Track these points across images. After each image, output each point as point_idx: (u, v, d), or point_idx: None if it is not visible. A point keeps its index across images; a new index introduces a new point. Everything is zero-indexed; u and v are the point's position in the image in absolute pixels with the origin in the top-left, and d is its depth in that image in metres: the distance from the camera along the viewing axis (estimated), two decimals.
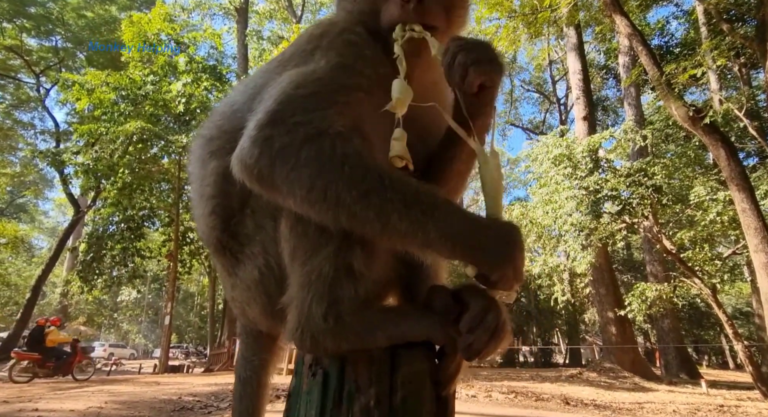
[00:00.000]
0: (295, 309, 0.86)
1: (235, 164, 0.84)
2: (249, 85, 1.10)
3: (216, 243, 1.02)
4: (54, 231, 43.35)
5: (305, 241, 0.86)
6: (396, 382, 0.80)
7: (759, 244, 8.04)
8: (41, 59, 24.02)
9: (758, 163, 16.73)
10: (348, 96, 0.90)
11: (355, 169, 0.79)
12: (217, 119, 1.13)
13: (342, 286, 0.84)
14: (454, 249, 0.78)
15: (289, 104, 0.85)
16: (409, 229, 0.77)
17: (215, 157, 1.05)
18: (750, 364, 10.32)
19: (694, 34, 16.87)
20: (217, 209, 1.01)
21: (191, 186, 1.14)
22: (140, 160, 17.09)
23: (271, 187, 0.82)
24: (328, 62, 0.92)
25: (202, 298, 40.17)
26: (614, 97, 29.05)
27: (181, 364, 20.60)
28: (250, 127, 0.85)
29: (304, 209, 0.81)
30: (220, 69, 19.44)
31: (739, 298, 29.55)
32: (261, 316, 1.01)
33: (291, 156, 0.79)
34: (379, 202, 0.77)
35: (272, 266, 0.94)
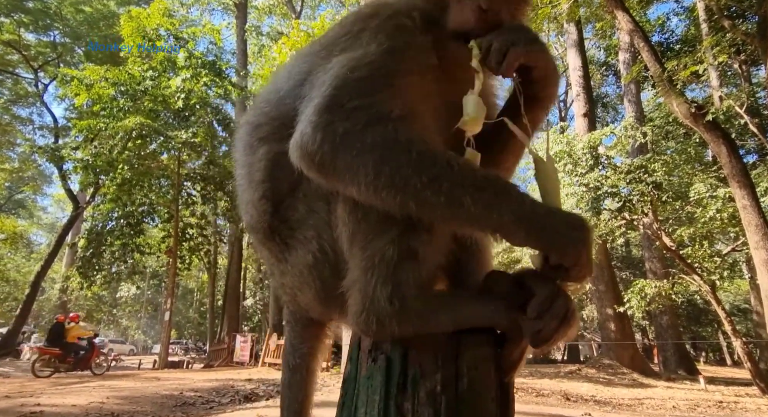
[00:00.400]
0: (358, 293, 0.85)
1: (294, 151, 0.83)
2: (293, 71, 1.09)
3: (266, 228, 1.02)
4: (53, 227, 43.26)
5: (365, 226, 0.85)
6: (461, 366, 0.80)
7: (759, 240, 8.06)
8: (39, 54, 23.89)
9: (758, 160, 16.76)
10: (401, 79, 0.88)
11: (422, 154, 0.78)
12: (263, 106, 1.13)
13: (406, 270, 0.83)
14: (529, 231, 0.77)
15: (345, 89, 0.84)
16: (483, 212, 0.77)
17: (264, 143, 1.05)
18: (748, 360, 10.37)
19: (694, 31, 16.85)
20: (268, 193, 1.01)
21: (237, 173, 1.13)
22: (139, 156, 17.06)
23: (332, 174, 0.81)
24: (379, 45, 0.91)
25: (202, 294, 40.19)
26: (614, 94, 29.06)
27: (180, 360, 20.67)
28: (309, 113, 0.84)
29: (369, 196, 0.80)
30: (219, 64, 19.37)
31: (737, 296, 29.65)
32: (314, 302, 1.00)
33: (355, 141, 0.78)
34: (450, 187, 0.76)
35: (326, 251, 0.93)
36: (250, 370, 14.39)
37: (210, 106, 18.78)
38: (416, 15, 0.98)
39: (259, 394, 8.54)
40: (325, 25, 16.70)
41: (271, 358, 14.52)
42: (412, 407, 0.76)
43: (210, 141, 18.18)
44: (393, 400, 0.78)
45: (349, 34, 0.98)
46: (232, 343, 18.32)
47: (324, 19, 17.11)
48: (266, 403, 7.52)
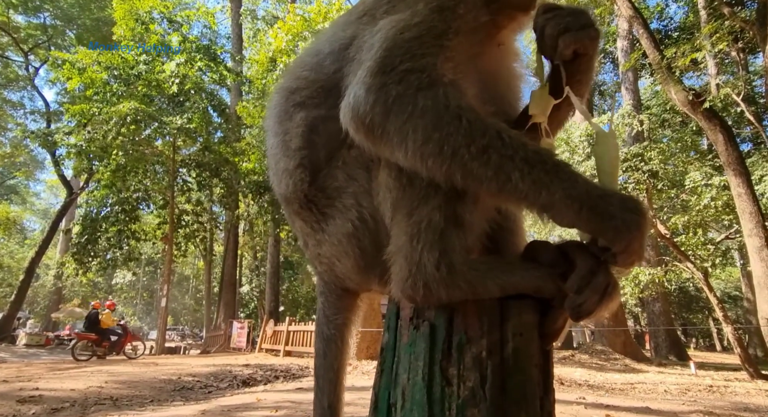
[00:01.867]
0: (404, 259, 0.84)
1: (346, 112, 0.82)
2: (335, 35, 1.06)
3: (302, 198, 1.01)
4: (46, 213, 42.98)
5: (411, 192, 0.84)
6: (506, 332, 0.80)
7: (753, 228, 8.15)
8: (29, 37, 23.47)
9: (753, 149, 16.86)
10: (451, 40, 0.87)
11: (474, 123, 0.76)
12: (299, 71, 1.10)
13: (452, 236, 0.83)
14: (580, 211, 0.73)
15: (396, 50, 0.83)
16: (532, 188, 0.74)
17: (302, 108, 1.03)
18: (738, 346, 10.55)
19: (693, 18, 16.77)
20: (305, 161, 0.99)
21: (269, 142, 1.11)
22: (134, 142, 16.89)
23: (381, 138, 0.80)
24: (427, 4, 0.89)
25: (198, 280, 40.23)
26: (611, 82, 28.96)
27: (177, 346, 20.77)
28: (361, 75, 0.83)
29: (415, 162, 0.79)
30: (214, 49, 19.11)
31: (729, 283, 30.08)
32: (353, 271, 0.99)
33: (407, 105, 0.77)
34: (499, 159, 0.74)
35: (366, 218, 0.92)
36: (247, 355, 14.48)
37: (205, 92, 18.57)
38: None
39: (257, 379, 8.61)
40: (322, 10, 16.49)
41: (268, 344, 14.61)
42: (458, 372, 0.77)
43: (205, 127, 18.01)
44: (438, 366, 0.78)
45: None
46: (229, 329, 18.41)
47: (320, 3, 16.87)
48: (264, 388, 7.58)
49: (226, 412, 5.31)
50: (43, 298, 35.91)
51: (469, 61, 0.95)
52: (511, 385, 0.77)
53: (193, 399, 6.66)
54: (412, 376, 0.80)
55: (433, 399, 0.77)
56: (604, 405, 6.01)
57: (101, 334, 13.41)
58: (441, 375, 0.77)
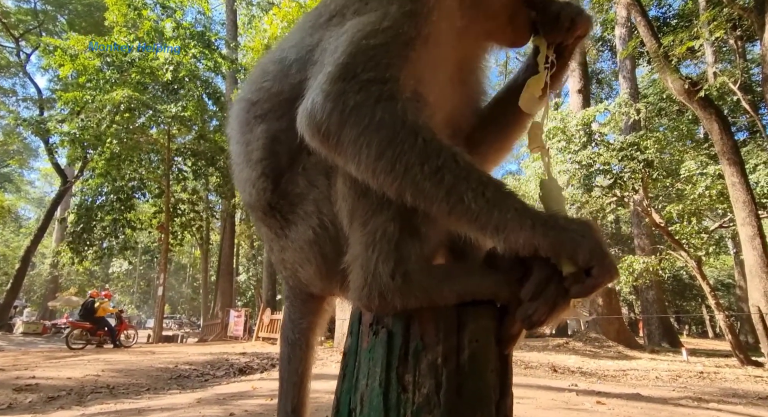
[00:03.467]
0: (360, 268, 0.83)
1: (303, 118, 0.80)
2: (302, 40, 1.02)
3: (265, 206, 0.99)
4: (41, 201, 42.78)
5: (366, 201, 0.83)
6: (463, 339, 0.80)
7: (746, 217, 8.20)
8: (20, 22, 23.07)
9: (748, 138, 16.87)
10: (418, 49, 0.84)
11: (429, 143, 0.75)
12: (261, 81, 1.06)
13: (408, 245, 0.82)
14: (534, 228, 0.72)
15: (360, 56, 0.80)
16: (485, 208, 0.73)
17: (263, 121, 1.01)
18: (730, 333, 10.68)
19: (692, 5, 16.64)
20: (267, 170, 0.98)
21: (232, 150, 1.09)
22: (128, 130, 16.76)
23: (335, 148, 0.78)
24: (400, 7, 0.85)
25: (195, 269, 40.29)
26: (609, 70, 28.83)
27: (174, 335, 20.86)
28: (321, 81, 0.80)
29: (367, 176, 0.77)
30: (208, 36, 18.86)
31: (722, 271, 30.35)
32: (315, 277, 0.99)
33: (364, 116, 0.75)
34: (453, 180, 0.73)
35: (327, 226, 0.92)
36: (244, 344, 14.58)
37: (199, 79, 18.38)
38: None
39: (254, 368, 8.68)
40: None
41: (264, 333, 14.70)
42: (414, 378, 0.77)
43: (200, 115, 17.87)
44: (394, 372, 0.78)
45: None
46: (226, 317, 18.49)
47: None
48: (261, 376, 7.65)
49: (221, 400, 5.36)
50: (40, 286, 35.92)
51: (447, 61, 0.94)
52: (466, 390, 0.77)
53: (190, 387, 6.72)
54: (370, 382, 0.80)
55: (389, 405, 0.77)
56: (596, 392, 6.10)
57: (96, 323, 13.46)
58: (397, 381, 0.78)
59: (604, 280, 0.71)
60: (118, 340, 13.91)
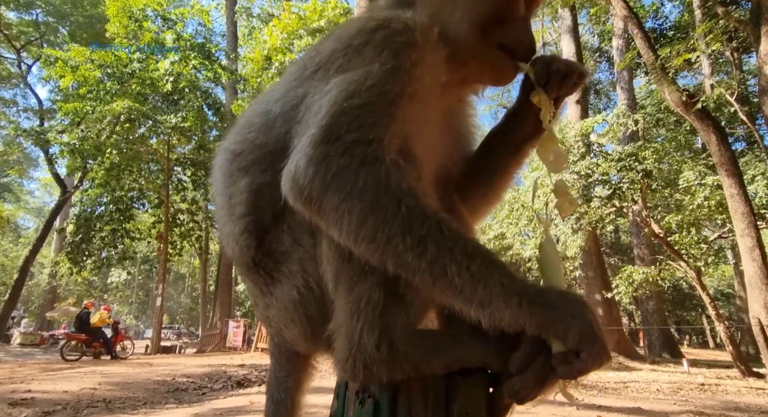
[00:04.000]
0: (344, 337, 0.81)
1: (286, 180, 0.78)
2: (287, 94, 1.00)
3: (249, 262, 0.96)
4: (40, 211, 42.73)
5: (350, 266, 0.80)
6: (452, 411, 0.76)
7: (745, 228, 8.20)
8: (21, 33, 23.24)
9: (746, 148, 16.94)
10: (403, 106, 0.83)
11: (413, 211, 0.72)
12: (246, 132, 1.04)
13: (393, 314, 0.79)
14: (520, 305, 0.69)
15: (343, 117, 0.78)
16: (469, 282, 0.70)
17: (247, 174, 0.98)
18: (730, 343, 10.63)
19: (688, 17, 16.81)
20: (250, 227, 0.95)
21: (216, 201, 1.06)
22: (128, 140, 16.82)
23: (317, 213, 0.76)
24: (382, 65, 0.84)
25: (194, 279, 40.14)
26: (607, 81, 29.02)
27: (173, 345, 20.72)
28: (305, 143, 0.78)
29: (348, 244, 0.75)
30: (208, 47, 19.01)
31: (722, 281, 30.28)
32: (299, 338, 0.95)
33: (347, 182, 0.73)
34: (436, 251, 0.70)
35: (312, 286, 0.88)
36: (242, 355, 14.48)
37: (199, 90, 18.48)
38: (432, 32, 0.92)
39: (252, 380, 8.62)
40: (317, 8, 16.44)
41: (263, 344, 14.61)
42: None
43: (200, 125, 17.94)
44: None
45: (349, 48, 0.90)
46: (225, 328, 18.38)
47: (316, 1, 16.80)
48: (258, 389, 7.59)
49: (218, 415, 5.31)
50: (38, 297, 35.76)
51: (433, 119, 0.93)
52: None
53: (187, 401, 6.66)
54: None
55: None
56: (596, 405, 6.05)
57: (92, 334, 13.28)
58: None
59: (592, 366, 0.68)
60: (114, 352, 13.73)
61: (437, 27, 0.93)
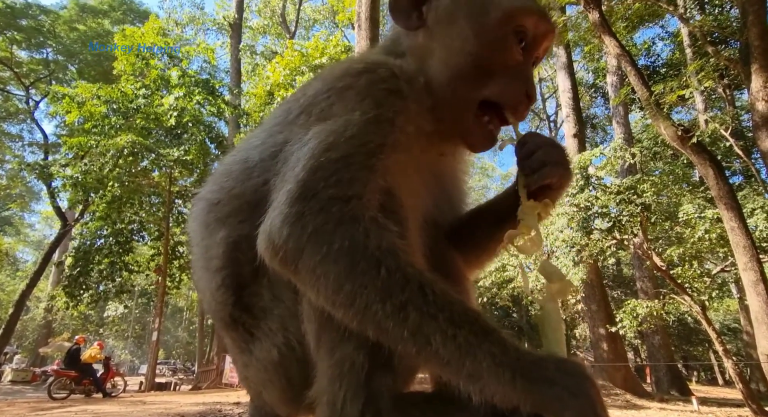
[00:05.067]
0: (326, 406, 0.75)
1: (262, 240, 0.75)
2: (267, 141, 0.96)
3: (226, 318, 0.91)
4: (40, 244, 42.57)
5: (332, 327, 0.75)
6: None
7: (748, 262, 8.13)
8: (31, 71, 23.87)
9: (744, 182, 17.04)
10: (385, 158, 0.79)
11: (393, 274, 0.67)
12: (223, 180, 0.99)
13: (379, 378, 0.74)
14: (513, 381, 0.63)
15: (321, 171, 0.74)
16: (455, 354, 0.64)
17: (224, 225, 0.93)
18: (740, 381, 10.33)
19: (679, 55, 17.30)
20: (227, 281, 0.90)
21: (193, 252, 1.01)
22: (130, 173, 16.96)
23: (294, 274, 0.72)
24: (363, 114, 0.80)
25: (191, 312, 39.53)
26: (603, 116, 29.54)
27: (168, 382, 20.19)
28: (281, 200, 0.75)
29: (327, 308, 0.71)
30: (212, 83, 19.47)
31: (727, 315, 29.79)
32: (279, 402, 0.90)
33: (322, 244, 0.69)
34: (419, 319, 0.65)
35: (293, 346, 0.83)
36: (239, 392, 14.07)
37: (203, 124, 18.80)
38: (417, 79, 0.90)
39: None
40: (319, 46, 16.94)
41: None
42: None
43: (202, 158, 18.14)
44: None
45: (332, 91, 0.87)
46: (222, 363, 17.96)
47: (318, 39, 17.35)
48: None
49: None
50: (32, 331, 35.13)
51: (415, 169, 0.90)
52: None
53: None
54: None
55: None
56: None
57: (82, 371, 12.76)
58: None
59: None
60: (105, 389, 13.22)
61: (422, 76, 0.90)
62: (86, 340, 14.20)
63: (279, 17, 30.28)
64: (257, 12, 31.22)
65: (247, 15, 30.21)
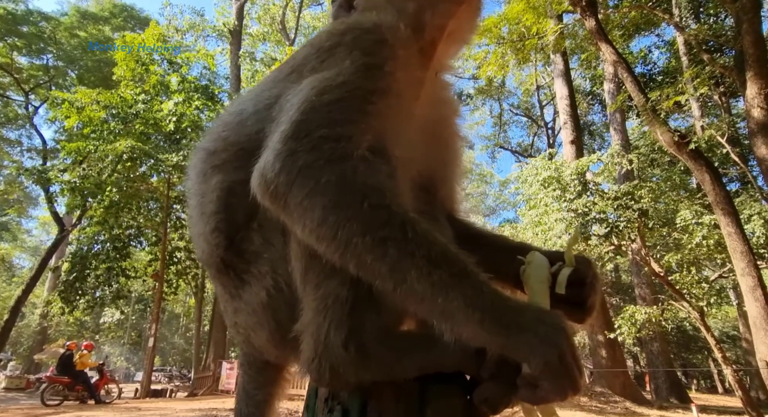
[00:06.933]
0: (310, 337, 0.76)
1: (255, 177, 0.77)
2: (260, 95, 1.00)
3: (218, 262, 0.92)
4: (36, 250, 42.39)
5: (317, 263, 0.76)
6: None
7: (746, 267, 8.14)
8: (31, 77, 23.94)
9: (740, 188, 17.11)
10: (376, 102, 0.81)
11: (375, 210, 0.69)
12: (221, 130, 1.02)
13: (363, 312, 0.75)
14: (482, 322, 0.64)
15: (313, 113, 0.77)
16: (428, 292, 0.65)
17: (219, 171, 0.95)
18: (740, 388, 10.30)
19: (675, 63, 17.45)
20: (221, 225, 0.91)
21: (189, 202, 1.04)
22: (129, 179, 16.95)
23: (283, 209, 0.74)
24: (353, 62, 0.83)
25: (188, 319, 39.34)
26: (600, 122, 29.72)
27: (163, 388, 20.01)
28: (275, 139, 0.77)
29: (311, 242, 0.72)
30: (212, 89, 19.54)
31: (726, 322, 29.75)
32: (269, 344, 0.90)
33: (311, 178, 0.71)
34: (397, 255, 0.66)
35: (282, 287, 0.84)
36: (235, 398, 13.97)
37: (202, 129, 18.80)
38: (401, 27, 0.92)
39: None
40: None
41: None
42: None
43: None
44: None
45: (321, 50, 0.91)
46: (218, 370, 17.82)
47: None
48: None
49: None
50: (27, 338, 34.89)
51: (407, 116, 0.91)
52: None
53: None
54: None
55: None
56: None
57: (75, 377, 12.60)
58: None
59: (554, 398, 0.63)
60: (98, 396, 13.03)
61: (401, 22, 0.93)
62: (77, 346, 13.86)
63: (279, 24, 30.49)
64: (257, 19, 31.44)
65: (247, 22, 30.41)
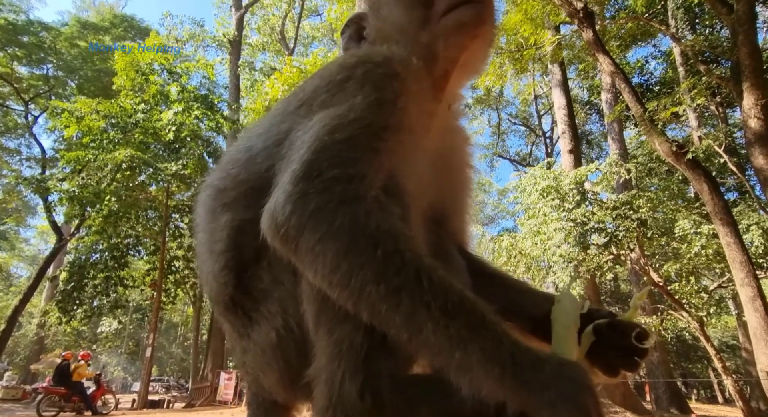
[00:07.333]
0: (324, 385, 0.74)
1: (265, 219, 0.75)
2: (269, 130, 0.98)
3: (227, 300, 0.91)
4: (34, 259, 42.21)
5: (332, 305, 0.73)
6: None
7: (745, 277, 8.14)
8: (31, 87, 23.99)
9: (738, 198, 17.16)
10: (388, 139, 0.80)
11: (389, 257, 0.67)
12: (229, 168, 1.01)
13: (378, 358, 0.73)
14: (502, 378, 0.61)
15: (325, 153, 0.76)
16: (446, 345, 0.63)
17: (228, 210, 0.94)
18: (740, 398, 10.26)
19: (672, 74, 17.58)
20: (230, 263, 0.90)
21: (197, 238, 1.03)
22: (127, 188, 16.95)
23: (294, 252, 0.72)
24: (364, 98, 0.82)
25: (186, 328, 39.08)
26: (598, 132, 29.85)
27: (161, 399, 19.85)
28: (285, 180, 0.76)
29: (323, 287, 0.71)
30: (211, 98, 19.62)
31: (725, 332, 29.66)
32: (277, 385, 0.88)
33: (323, 222, 0.69)
34: (412, 306, 0.64)
35: (292, 328, 0.82)
36: (233, 409, 13.84)
37: (201, 139, 18.88)
38: (413, 61, 0.91)
39: None
40: (318, 62, 17.15)
41: None
42: None
43: (200, 173, 18.13)
44: None
45: (331, 84, 0.90)
46: (216, 380, 17.68)
47: (316, 56, 17.58)
48: None
49: None
50: (24, 348, 34.59)
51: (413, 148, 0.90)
52: None
53: None
54: None
55: None
56: None
57: (72, 387, 12.45)
58: None
59: None
60: (94, 407, 12.87)
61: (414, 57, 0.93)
62: (74, 356, 13.75)
63: (278, 34, 30.69)
64: (257, 29, 31.65)
65: (247, 32, 30.61)
